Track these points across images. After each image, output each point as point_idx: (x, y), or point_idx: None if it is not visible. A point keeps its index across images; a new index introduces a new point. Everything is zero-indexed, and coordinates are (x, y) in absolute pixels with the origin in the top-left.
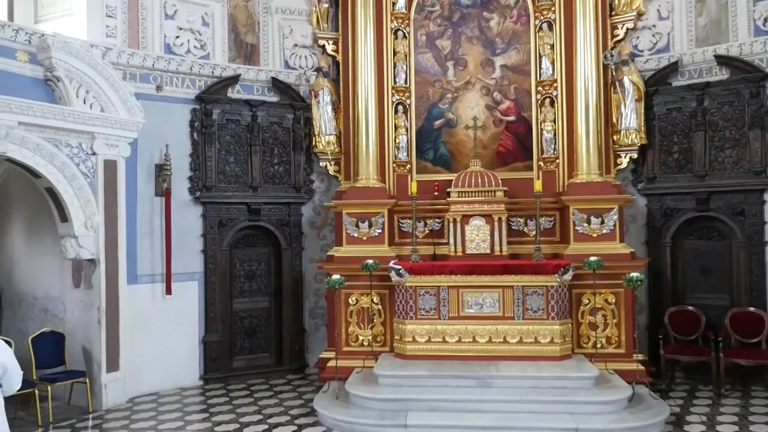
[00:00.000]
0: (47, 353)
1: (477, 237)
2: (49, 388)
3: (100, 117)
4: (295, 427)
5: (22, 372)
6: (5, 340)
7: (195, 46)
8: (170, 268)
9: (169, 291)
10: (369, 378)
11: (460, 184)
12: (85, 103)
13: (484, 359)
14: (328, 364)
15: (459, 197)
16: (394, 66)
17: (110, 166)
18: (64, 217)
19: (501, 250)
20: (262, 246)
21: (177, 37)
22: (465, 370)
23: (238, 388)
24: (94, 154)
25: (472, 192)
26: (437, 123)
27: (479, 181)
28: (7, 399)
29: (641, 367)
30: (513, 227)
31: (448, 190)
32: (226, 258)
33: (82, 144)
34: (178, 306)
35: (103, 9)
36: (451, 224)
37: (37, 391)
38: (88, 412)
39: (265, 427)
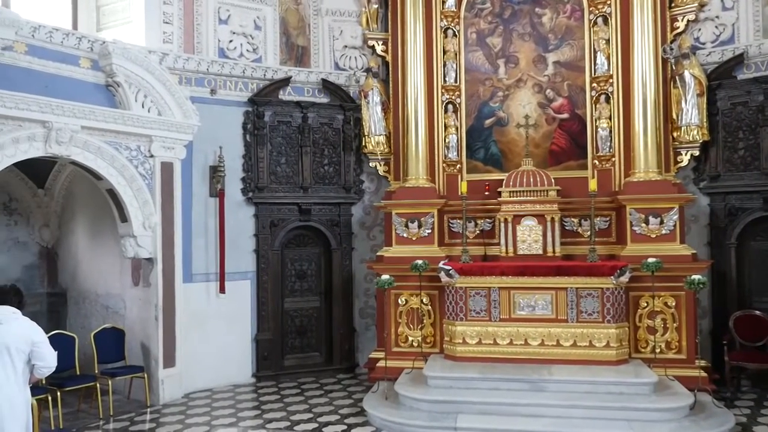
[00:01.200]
0: (108, 348)
1: (529, 237)
2: (109, 382)
3: (157, 120)
4: (345, 427)
5: (55, 351)
6: (69, 335)
7: (247, 50)
8: (224, 268)
9: (222, 290)
10: (418, 379)
11: (511, 183)
12: (143, 107)
13: (537, 362)
14: (378, 364)
15: (510, 197)
16: (444, 65)
17: (167, 168)
18: (124, 218)
19: (554, 251)
20: (312, 246)
21: (230, 41)
22: (516, 373)
23: (289, 386)
24: (151, 156)
25: (523, 192)
26: (488, 122)
27: (531, 180)
28: (71, 392)
29: (704, 374)
30: (566, 228)
31: (499, 189)
32: (278, 258)
33: (140, 147)
34: (232, 304)
35: (160, 16)
36: (503, 224)
37: (98, 385)
38: (146, 406)
39: (315, 425)
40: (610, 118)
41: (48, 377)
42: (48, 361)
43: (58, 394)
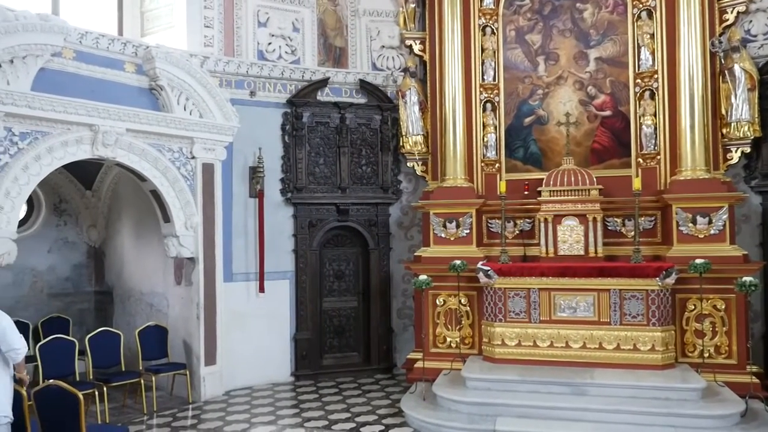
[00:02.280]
0: (152, 346)
1: (570, 238)
2: (153, 378)
3: (198, 122)
4: (382, 427)
5: (20, 335)
6: (114, 332)
7: (286, 52)
8: (263, 267)
9: (262, 289)
10: (457, 380)
11: (552, 182)
12: (185, 109)
13: (578, 365)
14: (416, 365)
15: (551, 196)
16: (482, 63)
17: (208, 169)
18: (167, 218)
19: (596, 252)
20: (350, 246)
21: (269, 43)
22: (557, 376)
23: (328, 385)
24: (193, 157)
25: (564, 191)
26: (527, 120)
27: (572, 179)
28: (116, 387)
29: (756, 380)
30: (609, 228)
31: (539, 189)
32: (316, 258)
33: (182, 148)
34: (271, 304)
35: (201, 20)
36: (543, 224)
37: (143, 381)
38: (188, 402)
39: (353, 425)
40: (655, 115)
41: (95, 372)
42: (11, 344)
43: (105, 389)
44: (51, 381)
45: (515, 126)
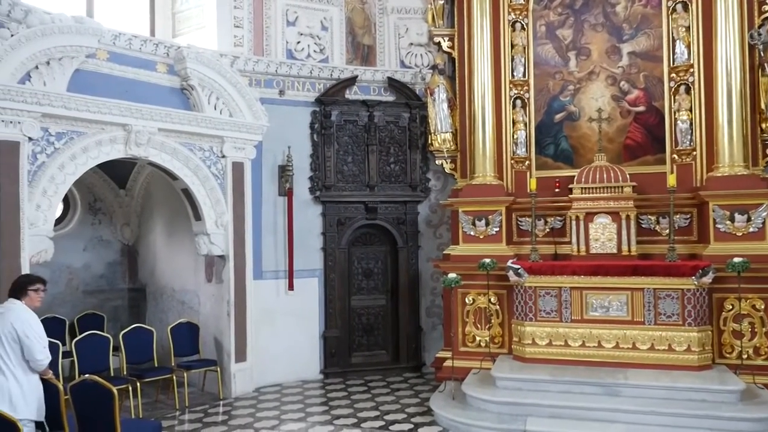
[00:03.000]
0: (184, 342)
1: (602, 236)
2: (185, 374)
3: (229, 122)
4: (411, 426)
5: (43, 342)
6: (147, 329)
7: (314, 50)
8: (292, 265)
9: (291, 287)
10: (486, 380)
11: (583, 179)
12: (215, 109)
13: (611, 366)
14: (445, 364)
15: (582, 194)
16: (512, 59)
17: (238, 168)
18: (198, 216)
19: (629, 250)
20: (379, 244)
21: (298, 42)
22: (589, 376)
23: (356, 383)
24: (223, 156)
25: (596, 188)
26: (558, 116)
27: (605, 176)
28: (149, 383)
29: None
30: (643, 225)
31: (571, 186)
32: (345, 256)
33: (213, 147)
34: (300, 301)
35: (231, 20)
36: (574, 222)
37: (175, 377)
38: (219, 398)
39: (382, 423)
40: (691, 110)
41: (128, 368)
42: (31, 354)
43: (138, 384)
44: (87, 376)
45: (545, 122)
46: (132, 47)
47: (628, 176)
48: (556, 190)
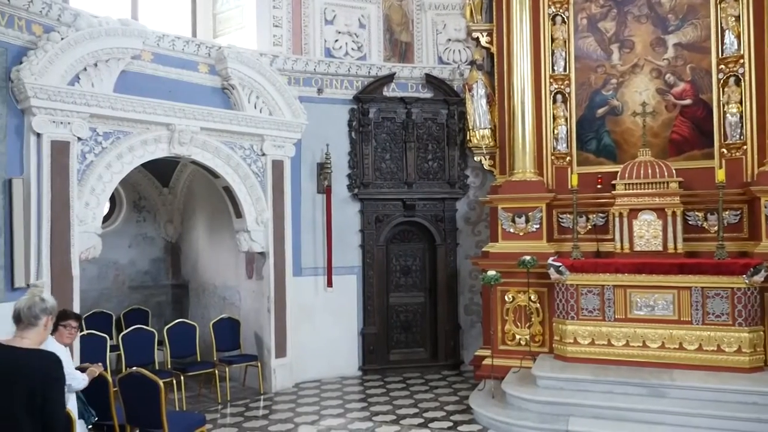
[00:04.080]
0: (225, 337)
1: (647, 233)
2: (227, 369)
3: (268, 120)
4: (450, 424)
5: (71, 375)
6: (190, 323)
7: (352, 48)
8: (331, 262)
9: (330, 284)
10: (527, 379)
11: (627, 175)
12: (255, 108)
13: (656, 366)
14: (484, 362)
15: (626, 190)
16: (552, 53)
17: (277, 166)
18: (239, 214)
19: (675, 248)
20: (417, 241)
21: (336, 40)
22: (633, 376)
23: (395, 380)
24: (263, 155)
25: (641, 184)
26: (600, 111)
27: (649, 171)
28: (192, 377)
29: None
30: (689, 222)
31: (614, 182)
32: (383, 253)
33: (253, 146)
34: (339, 298)
35: (270, 20)
36: (617, 219)
37: (217, 372)
38: (259, 393)
39: (421, 420)
40: (741, 103)
41: (173, 362)
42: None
43: (182, 378)
44: (134, 369)
45: (587, 117)
46: (175, 48)
47: (674, 172)
48: (599, 186)
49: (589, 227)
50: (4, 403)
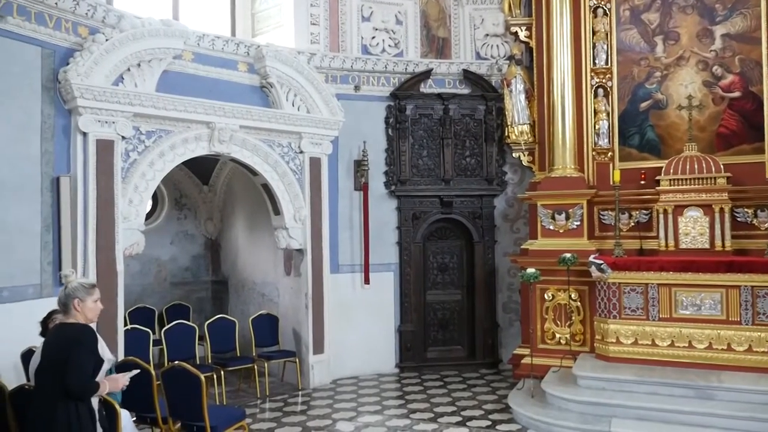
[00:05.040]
0: (264, 333)
1: (693, 230)
2: (266, 365)
3: (306, 118)
4: (489, 422)
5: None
6: (230, 319)
7: (389, 45)
8: (368, 259)
9: (367, 281)
10: (567, 378)
11: (672, 170)
12: (293, 105)
13: (703, 367)
14: (523, 361)
15: (671, 186)
16: (593, 47)
17: (315, 163)
18: (277, 211)
19: (723, 245)
20: (454, 239)
21: (373, 37)
22: (679, 378)
23: (432, 378)
24: (301, 152)
25: (686, 179)
26: (643, 105)
27: (695, 167)
28: (232, 372)
29: None
30: (738, 219)
31: (658, 178)
32: (420, 250)
33: (291, 143)
34: (376, 295)
35: (308, 18)
36: (661, 216)
37: (256, 367)
38: (297, 389)
39: (459, 419)
40: None
41: (213, 357)
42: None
43: (222, 372)
44: (176, 362)
45: (630, 112)
46: (215, 48)
47: (722, 167)
48: (642, 182)
49: (632, 224)
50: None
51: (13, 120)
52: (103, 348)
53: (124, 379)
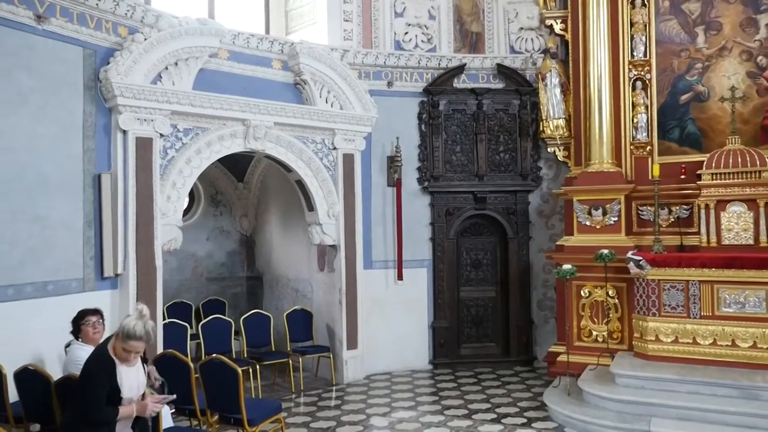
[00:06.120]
0: (298, 328)
1: (736, 225)
2: (300, 359)
3: (339, 114)
4: (524, 420)
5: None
6: (265, 314)
7: (422, 40)
8: (401, 255)
9: (400, 277)
10: (604, 377)
11: (714, 164)
12: (326, 102)
13: (747, 367)
14: (559, 359)
15: (713, 180)
16: (631, 38)
17: (348, 160)
18: (311, 207)
19: None
20: (488, 235)
21: (405, 33)
22: (722, 377)
23: (466, 375)
24: (334, 148)
25: (729, 174)
26: (684, 97)
27: (739, 160)
28: (267, 366)
29: None
30: None
31: (699, 172)
32: (453, 246)
33: (324, 140)
34: (409, 292)
35: (341, 15)
36: (703, 211)
37: (290, 362)
38: (331, 384)
39: (494, 416)
40: None
41: (248, 351)
42: None
43: (257, 366)
44: (214, 355)
45: (669, 104)
46: (249, 45)
47: (767, 160)
48: (682, 176)
49: (672, 220)
50: None
51: (57, 119)
52: (151, 369)
53: (153, 405)
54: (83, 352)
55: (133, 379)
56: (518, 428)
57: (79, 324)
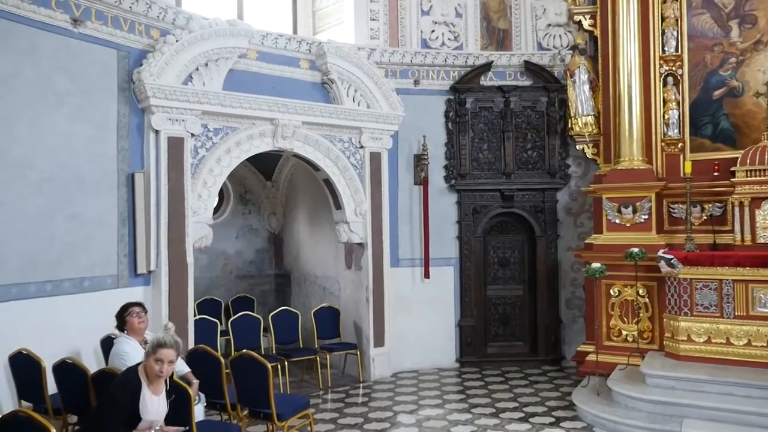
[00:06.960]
0: (326, 325)
1: None
2: (327, 356)
3: (366, 113)
4: (552, 419)
5: None
6: (293, 311)
7: (449, 38)
8: (428, 254)
9: (427, 275)
10: (634, 376)
11: (749, 161)
12: (353, 101)
13: None
14: (587, 358)
15: (748, 177)
16: (662, 33)
17: (375, 158)
18: (338, 205)
19: None
20: (515, 233)
21: (432, 31)
22: (756, 378)
23: (493, 373)
24: (361, 147)
25: (765, 170)
26: (717, 93)
27: None
28: (295, 362)
29: None
30: None
31: (733, 169)
32: (480, 244)
33: (351, 138)
34: (436, 290)
35: (367, 14)
36: (737, 209)
37: (318, 358)
38: (358, 381)
39: (521, 415)
40: None
41: (277, 348)
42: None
43: (286, 363)
44: (244, 351)
45: (702, 100)
46: (278, 46)
47: None
48: (716, 173)
49: (705, 218)
50: None
51: (92, 119)
52: (180, 362)
53: None
54: (128, 346)
55: (155, 405)
56: (546, 427)
57: (124, 316)
